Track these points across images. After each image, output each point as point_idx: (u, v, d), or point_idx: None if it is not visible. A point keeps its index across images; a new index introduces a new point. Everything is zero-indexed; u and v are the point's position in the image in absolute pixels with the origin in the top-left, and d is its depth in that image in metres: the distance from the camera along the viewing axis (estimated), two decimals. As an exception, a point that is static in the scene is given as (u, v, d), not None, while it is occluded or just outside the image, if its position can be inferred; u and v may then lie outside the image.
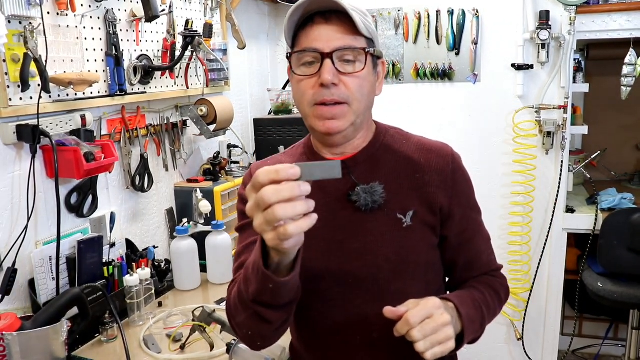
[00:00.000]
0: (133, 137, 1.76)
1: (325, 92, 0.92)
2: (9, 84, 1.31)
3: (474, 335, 0.98)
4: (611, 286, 2.23)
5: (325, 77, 0.91)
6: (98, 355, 1.36)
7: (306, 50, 0.93)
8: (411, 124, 1.16)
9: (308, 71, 0.94)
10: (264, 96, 2.64)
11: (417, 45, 2.48)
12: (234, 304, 0.94)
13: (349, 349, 1.02)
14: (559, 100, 2.28)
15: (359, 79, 0.94)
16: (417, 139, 1.06)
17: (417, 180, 1.00)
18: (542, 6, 2.22)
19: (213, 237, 1.80)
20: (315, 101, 0.93)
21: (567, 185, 2.35)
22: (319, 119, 0.95)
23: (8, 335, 1.11)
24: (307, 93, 0.94)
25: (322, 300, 1.01)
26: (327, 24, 0.93)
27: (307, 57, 0.94)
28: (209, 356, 1.32)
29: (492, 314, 1.05)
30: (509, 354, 2.59)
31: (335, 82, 0.92)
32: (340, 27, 0.92)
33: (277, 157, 1.13)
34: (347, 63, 0.93)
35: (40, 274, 1.41)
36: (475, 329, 0.96)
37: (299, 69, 0.95)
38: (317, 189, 1.02)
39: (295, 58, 0.96)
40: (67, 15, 1.46)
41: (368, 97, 0.98)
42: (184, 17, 1.94)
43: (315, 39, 0.93)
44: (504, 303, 1.09)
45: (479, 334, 1.00)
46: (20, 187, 1.40)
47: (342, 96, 0.93)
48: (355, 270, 0.99)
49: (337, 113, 0.93)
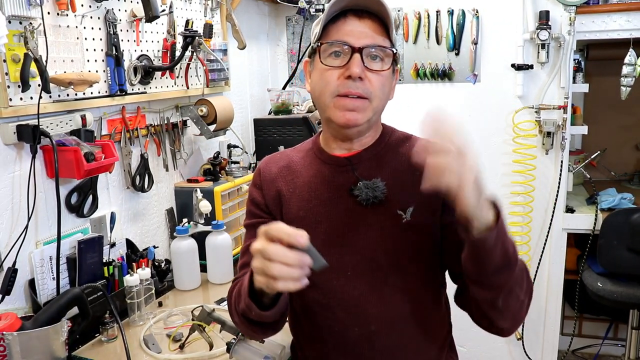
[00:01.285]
0: (133, 137, 1.76)
1: (351, 84, 0.96)
2: (9, 84, 1.31)
3: (506, 242, 0.83)
4: (611, 286, 2.23)
5: (353, 70, 0.94)
6: (98, 355, 1.36)
7: (338, 42, 0.97)
8: (411, 124, 1.16)
9: (335, 62, 0.98)
10: (264, 96, 2.64)
11: (417, 46, 2.48)
12: (233, 306, 1.03)
13: (347, 341, 1.03)
14: (558, 100, 2.28)
15: (383, 78, 0.99)
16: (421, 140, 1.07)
17: (418, 178, 1.01)
18: (541, 6, 2.22)
19: (213, 237, 1.80)
20: (339, 92, 0.97)
21: (566, 185, 2.36)
22: (340, 109, 0.98)
23: (8, 335, 1.12)
24: (331, 83, 0.98)
25: (321, 292, 1.03)
26: (360, 21, 0.97)
27: (337, 49, 0.98)
28: (209, 356, 1.32)
29: (519, 269, 0.88)
30: (509, 353, 2.60)
31: (362, 76, 0.96)
32: (372, 25, 0.97)
33: (286, 151, 1.17)
34: (374, 61, 0.98)
35: (40, 274, 1.41)
36: (507, 234, 0.83)
37: (327, 59, 0.99)
38: (322, 182, 1.05)
39: (324, 48, 0.99)
40: (68, 15, 1.46)
41: (385, 97, 1.02)
42: (184, 17, 1.94)
43: (347, 34, 0.97)
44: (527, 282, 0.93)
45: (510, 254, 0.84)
46: (20, 187, 1.40)
47: (365, 91, 0.97)
48: (355, 263, 1.01)
49: (359, 106, 0.97)
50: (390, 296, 1.01)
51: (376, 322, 1.01)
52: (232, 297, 1.05)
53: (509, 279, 0.85)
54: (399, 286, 1.01)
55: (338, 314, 1.03)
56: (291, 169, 1.11)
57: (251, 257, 0.89)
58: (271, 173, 1.12)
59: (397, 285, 1.01)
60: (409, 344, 1.03)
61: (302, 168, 1.10)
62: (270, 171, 1.12)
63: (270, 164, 1.14)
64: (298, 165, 1.11)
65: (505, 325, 0.94)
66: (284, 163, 1.13)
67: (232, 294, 1.06)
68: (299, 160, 1.12)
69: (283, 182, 1.10)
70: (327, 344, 1.06)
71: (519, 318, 0.94)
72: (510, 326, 0.95)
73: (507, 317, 0.92)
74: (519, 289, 0.89)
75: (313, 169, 1.09)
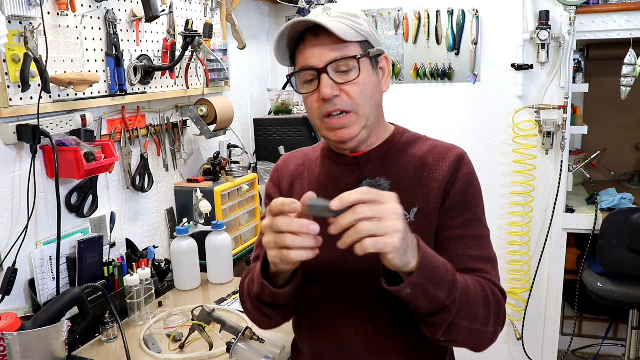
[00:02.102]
0: (133, 137, 1.76)
1: (329, 104, 0.97)
2: (10, 84, 1.31)
3: (429, 291, 0.80)
4: (611, 286, 2.23)
5: (324, 92, 0.95)
6: (98, 355, 1.36)
7: (303, 70, 0.98)
8: (411, 124, 1.17)
9: (310, 88, 0.99)
10: (264, 96, 2.64)
11: (417, 46, 2.48)
12: (243, 292, 1.07)
13: (344, 341, 1.04)
14: (558, 100, 2.28)
15: (358, 85, 0.97)
16: (431, 142, 1.08)
17: (423, 179, 1.02)
18: (541, 6, 2.22)
19: (213, 237, 1.80)
20: (322, 114, 0.98)
21: (566, 185, 2.36)
22: (330, 130, 1.00)
23: (8, 335, 1.12)
24: (313, 108, 1.00)
25: (321, 291, 1.04)
26: (317, 39, 0.96)
27: (306, 76, 0.99)
28: (209, 356, 1.33)
29: (472, 301, 0.87)
30: (509, 353, 2.60)
31: (336, 93, 0.96)
32: (329, 39, 0.95)
33: (305, 149, 1.21)
34: (343, 73, 0.97)
35: (40, 274, 1.41)
36: (435, 282, 0.80)
37: (303, 87, 1.01)
38: (330, 181, 1.05)
39: (296, 79, 1.02)
40: (68, 15, 1.46)
41: (372, 99, 1.00)
42: (184, 17, 1.94)
43: (309, 57, 0.97)
44: (491, 312, 0.91)
45: (440, 300, 0.81)
46: (20, 187, 1.40)
47: (345, 105, 0.97)
48: (355, 263, 1.01)
49: (345, 122, 0.98)
50: (388, 296, 1.00)
51: (373, 322, 1.02)
52: (244, 284, 1.08)
53: (444, 319, 0.84)
54: None
55: (335, 314, 1.04)
56: (306, 167, 1.14)
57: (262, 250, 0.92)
58: (288, 170, 1.15)
59: None
60: (407, 347, 1.03)
61: (315, 166, 1.13)
62: (287, 168, 1.16)
63: (288, 162, 1.18)
64: (312, 163, 1.14)
65: (463, 348, 0.95)
66: (300, 161, 1.16)
67: (244, 282, 1.09)
68: (314, 158, 1.15)
69: (298, 179, 1.14)
70: (324, 343, 1.06)
71: (479, 344, 0.93)
72: (470, 349, 0.94)
73: (457, 344, 0.93)
74: (468, 321, 0.87)
75: (325, 167, 1.11)
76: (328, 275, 1.03)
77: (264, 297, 0.97)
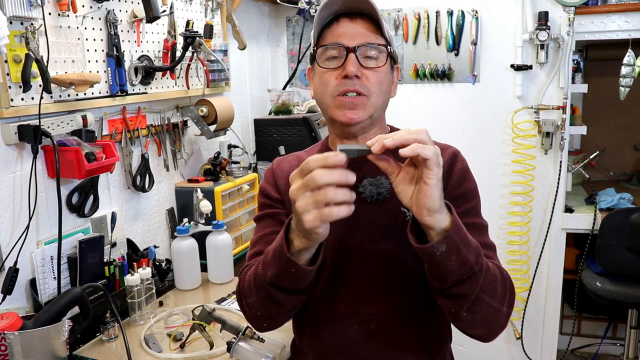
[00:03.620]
0: (134, 137, 1.77)
1: (349, 82, 0.98)
2: (11, 85, 1.31)
3: (461, 252, 0.80)
4: (610, 286, 2.23)
5: (349, 69, 0.97)
6: (99, 354, 1.37)
7: (332, 45, 1.00)
8: (411, 124, 1.17)
9: (332, 64, 1.01)
10: (264, 96, 2.65)
11: (416, 46, 2.49)
12: (247, 285, 0.99)
13: (346, 339, 1.04)
14: (557, 100, 2.29)
15: (380, 74, 1.01)
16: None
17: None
18: (541, 7, 2.23)
19: (213, 237, 1.81)
20: (338, 92, 1.00)
21: (566, 185, 2.36)
22: (340, 108, 1.00)
23: (9, 335, 1.12)
24: (330, 84, 1.01)
25: (323, 289, 1.04)
26: (352, 23, 1.01)
27: (333, 52, 1.01)
28: (209, 355, 1.33)
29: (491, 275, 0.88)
30: (508, 353, 2.60)
31: (358, 74, 0.98)
32: (363, 26, 1.01)
33: (298, 153, 1.20)
34: (369, 59, 1.00)
35: (41, 274, 1.42)
36: (466, 243, 0.81)
37: (325, 62, 1.02)
38: None
39: (320, 52, 1.03)
40: (68, 16, 1.47)
41: (385, 94, 1.04)
42: (185, 17, 1.94)
43: (340, 36, 1.00)
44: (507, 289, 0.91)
45: (470, 264, 0.82)
46: (21, 187, 1.41)
47: (363, 88, 0.99)
48: (357, 261, 1.02)
49: (358, 103, 1.00)
50: (391, 294, 1.01)
51: (375, 320, 1.02)
52: (245, 277, 1.02)
53: (472, 289, 0.84)
54: (400, 285, 1.01)
55: (338, 311, 1.04)
56: None
57: (265, 244, 0.90)
58: (283, 171, 1.14)
59: (398, 283, 1.01)
60: (409, 344, 1.04)
61: None
62: (282, 169, 1.15)
63: (282, 163, 1.17)
64: None
65: (478, 333, 0.93)
66: (295, 163, 1.15)
67: (245, 275, 1.02)
68: None
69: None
70: (327, 342, 1.06)
71: (494, 326, 0.91)
72: (485, 334, 0.93)
73: (476, 325, 0.90)
74: (489, 297, 0.87)
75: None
76: (332, 274, 1.03)
77: (283, 281, 0.89)
